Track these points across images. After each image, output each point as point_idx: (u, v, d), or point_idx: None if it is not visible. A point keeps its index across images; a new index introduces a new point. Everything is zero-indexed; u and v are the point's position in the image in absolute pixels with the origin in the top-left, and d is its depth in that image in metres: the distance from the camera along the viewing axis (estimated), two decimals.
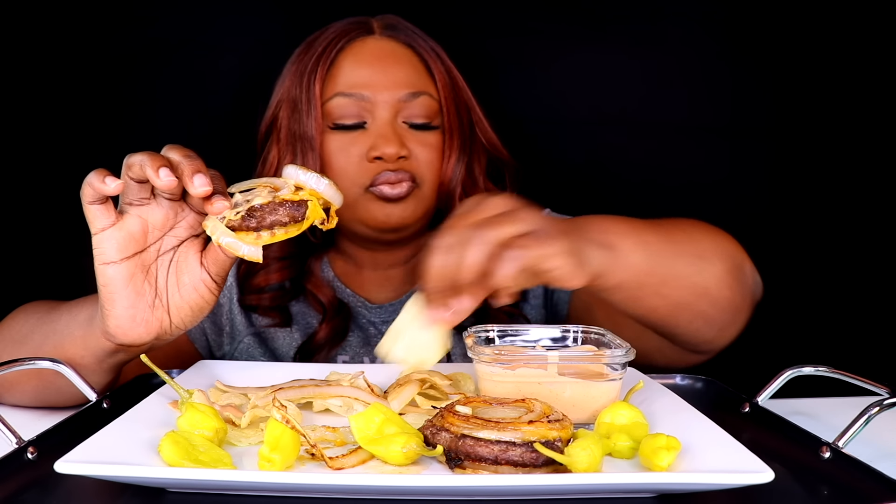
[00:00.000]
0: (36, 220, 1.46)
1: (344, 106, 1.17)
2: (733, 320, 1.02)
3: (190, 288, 0.84)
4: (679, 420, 0.76)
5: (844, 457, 0.71)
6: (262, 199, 0.80)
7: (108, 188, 0.78)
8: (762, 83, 1.52)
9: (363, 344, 1.23)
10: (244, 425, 0.76)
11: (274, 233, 0.80)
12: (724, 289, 0.98)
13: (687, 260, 0.96)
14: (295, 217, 0.80)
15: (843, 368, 0.86)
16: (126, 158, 0.80)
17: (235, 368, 0.96)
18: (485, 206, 0.75)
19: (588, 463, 0.64)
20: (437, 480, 0.65)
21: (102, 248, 0.81)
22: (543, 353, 0.85)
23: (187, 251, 0.85)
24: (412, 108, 1.18)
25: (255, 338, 1.24)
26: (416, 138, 1.18)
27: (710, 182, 1.53)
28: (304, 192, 0.81)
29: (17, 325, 1.01)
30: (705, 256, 0.98)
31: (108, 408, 0.85)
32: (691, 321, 0.98)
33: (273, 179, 0.84)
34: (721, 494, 0.65)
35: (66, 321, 0.92)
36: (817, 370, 0.89)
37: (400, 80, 1.18)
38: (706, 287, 0.96)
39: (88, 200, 0.80)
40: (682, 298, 0.95)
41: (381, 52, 1.20)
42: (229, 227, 0.80)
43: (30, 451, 0.71)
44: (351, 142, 1.17)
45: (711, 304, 0.97)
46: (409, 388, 0.83)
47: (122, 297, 0.82)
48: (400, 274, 1.28)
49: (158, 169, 0.77)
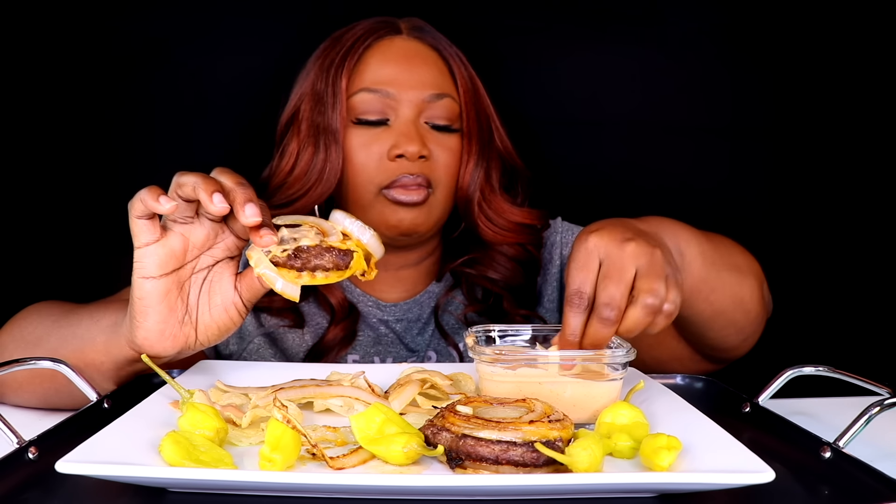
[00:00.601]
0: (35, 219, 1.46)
1: (368, 101, 1.17)
2: (755, 331, 1.09)
3: (221, 309, 0.86)
4: (680, 420, 0.76)
5: (845, 457, 0.71)
6: (309, 241, 0.81)
7: (162, 208, 0.78)
8: (762, 84, 1.52)
9: (374, 343, 1.23)
10: (245, 425, 0.76)
11: (315, 276, 0.81)
12: (755, 301, 1.05)
13: (731, 272, 1.02)
14: (339, 265, 0.82)
15: (843, 368, 0.86)
16: (177, 176, 0.80)
17: (236, 368, 0.96)
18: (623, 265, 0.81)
19: (589, 463, 0.64)
20: (437, 480, 0.64)
21: (144, 262, 0.82)
22: (544, 353, 0.85)
23: (222, 272, 0.87)
24: (435, 110, 1.18)
25: (265, 338, 1.24)
26: (436, 140, 1.18)
27: (709, 183, 1.53)
28: (351, 242, 0.83)
29: (30, 327, 1.00)
30: (742, 270, 1.05)
31: (109, 408, 0.85)
32: (724, 328, 1.05)
33: (319, 220, 0.85)
34: (722, 494, 0.65)
35: (87, 326, 0.93)
36: (817, 370, 0.89)
37: (425, 81, 1.18)
38: (742, 298, 1.04)
39: (136, 215, 0.80)
40: (724, 306, 1.02)
41: (409, 52, 1.21)
42: (272, 262, 0.81)
43: (31, 450, 0.71)
44: (373, 138, 1.16)
45: (745, 314, 1.05)
46: (410, 388, 0.83)
47: (156, 312, 0.83)
48: (412, 275, 1.28)
49: (212, 194, 0.77)
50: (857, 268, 1.55)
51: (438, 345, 1.24)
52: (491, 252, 1.25)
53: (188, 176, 0.79)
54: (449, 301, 1.26)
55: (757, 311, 1.06)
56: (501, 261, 1.25)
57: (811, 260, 1.54)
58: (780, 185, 1.55)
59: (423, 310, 1.27)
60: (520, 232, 1.24)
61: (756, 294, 1.05)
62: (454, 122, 1.20)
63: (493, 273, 1.24)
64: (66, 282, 1.41)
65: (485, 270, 1.24)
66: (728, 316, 1.03)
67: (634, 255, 0.81)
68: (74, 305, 1.02)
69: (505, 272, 1.24)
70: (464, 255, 1.26)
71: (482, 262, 1.25)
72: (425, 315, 1.26)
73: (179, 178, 0.80)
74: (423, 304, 1.27)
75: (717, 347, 1.08)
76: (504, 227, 1.23)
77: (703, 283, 0.96)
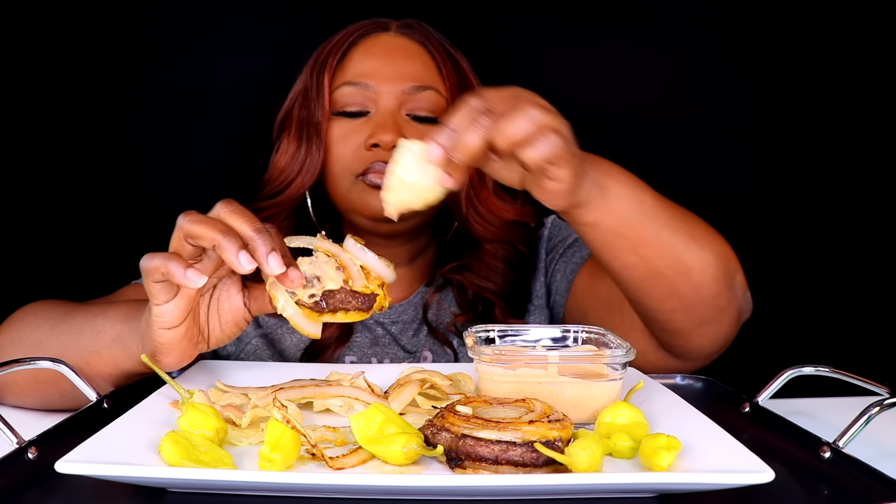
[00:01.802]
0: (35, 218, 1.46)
1: (349, 94, 1.19)
2: (713, 318, 1.00)
3: (231, 324, 0.88)
4: (679, 420, 0.76)
5: (845, 457, 0.71)
6: (333, 284, 0.83)
7: (197, 284, 0.77)
8: (761, 84, 1.52)
9: (371, 344, 1.23)
10: (245, 425, 0.76)
11: (336, 315, 0.83)
12: (707, 278, 0.97)
13: (675, 233, 0.95)
14: (362, 308, 0.84)
15: (843, 368, 0.86)
16: (185, 224, 0.78)
17: (236, 368, 0.96)
18: (537, 100, 0.79)
19: (588, 463, 0.64)
20: (437, 480, 0.64)
21: (165, 317, 0.82)
22: (544, 353, 0.86)
23: (229, 290, 0.87)
24: (417, 102, 1.19)
25: (262, 339, 1.24)
26: (417, 131, 1.18)
27: (708, 182, 1.53)
28: (374, 283, 0.84)
29: (28, 329, 0.99)
30: (696, 239, 0.97)
31: (109, 408, 0.85)
32: (665, 298, 0.98)
33: (334, 247, 0.86)
34: (721, 494, 0.65)
35: (88, 337, 0.92)
36: (817, 370, 0.89)
37: (406, 73, 1.19)
38: (688, 266, 0.96)
39: (154, 280, 0.79)
40: (660, 267, 0.95)
41: (391, 47, 1.22)
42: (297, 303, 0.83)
43: (30, 450, 0.71)
44: (353, 130, 1.18)
45: (692, 288, 0.97)
46: (410, 388, 0.83)
47: (178, 350, 0.84)
48: (406, 274, 1.28)
49: (239, 255, 0.76)
50: (857, 267, 1.55)
51: (434, 344, 1.24)
52: (482, 255, 1.24)
53: (200, 226, 0.77)
54: (440, 299, 1.26)
55: (711, 291, 0.98)
56: (493, 265, 1.24)
57: (811, 259, 1.54)
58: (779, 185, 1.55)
59: (417, 311, 1.27)
60: (511, 230, 1.24)
61: (710, 269, 0.97)
62: (439, 114, 1.20)
63: (483, 281, 1.24)
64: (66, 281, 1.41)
65: (475, 278, 1.24)
66: (670, 283, 0.96)
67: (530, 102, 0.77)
68: (70, 307, 1.01)
69: (496, 279, 1.24)
70: (454, 255, 1.26)
71: (472, 267, 1.24)
72: (419, 316, 1.27)
73: (190, 228, 0.78)
74: (416, 305, 1.27)
75: (668, 329, 1.02)
76: (495, 223, 1.22)
77: (630, 229, 0.92)
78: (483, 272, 1.24)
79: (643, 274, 0.96)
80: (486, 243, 1.24)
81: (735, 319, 1.02)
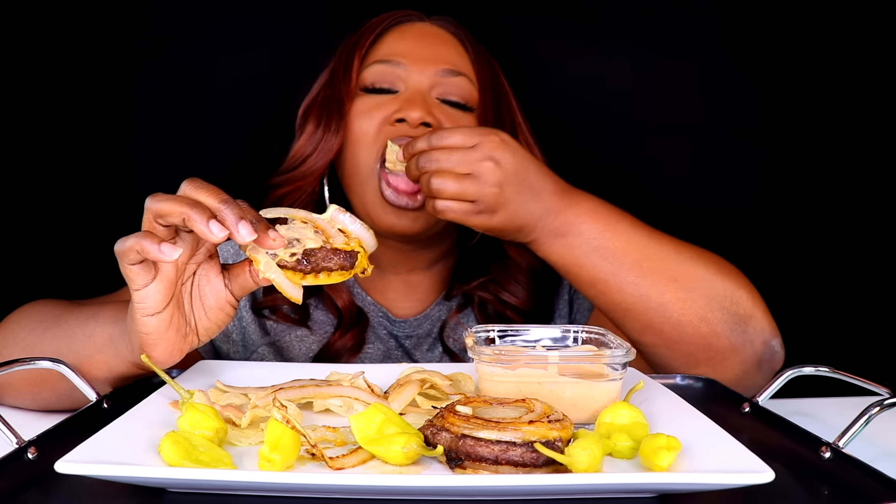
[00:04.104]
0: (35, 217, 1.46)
1: (379, 72, 1.15)
2: (709, 359, 0.99)
3: (216, 310, 0.85)
4: (679, 420, 0.76)
5: (845, 457, 0.71)
6: (313, 243, 0.81)
7: (171, 257, 0.76)
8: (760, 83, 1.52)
9: (384, 357, 1.20)
10: (244, 425, 0.76)
11: (318, 276, 0.82)
12: (692, 317, 0.98)
13: (645, 274, 0.98)
14: (344, 266, 0.82)
15: (844, 368, 0.86)
16: (153, 203, 0.77)
17: (236, 368, 0.96)
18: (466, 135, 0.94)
19: (588, 463, 0.64)
20: (437, 480, 0.64)
21: (147, 302, 0.80)
22: (544, 354, 0.85)
23: (208, 274, 0.85)
24: (448, 86, 1.15)
25: (270, 347, 1.21)
26: (446, 113, 1.14)
27: (708, 182, 1.53)
28: (354, 243, 0.83)
29: (23, 333, 0.99)
30: (677, 279, 0.99)
31: (109, 408, 0.85)
32: (642, 332, 1.00)
33: (309, 214, 0.85)
34: (721, 494, 0.65)
35: (80, 342, 0.90)
36: (818, 370, 0.89)
37: (440, 57, 1.16)
38: (662, 304, 0.98)
39: (130, 262, 0.78)
40: (624, 303, 0.99)
41: (426, 33, 1.20)
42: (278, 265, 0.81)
43: (30, 451, 0.71)
44: (377, 105, 1.14)
45: (671, 325, 0.98)
46: (410, 389, 0.83)
47: (164, 340, 0.82)
48: (424, 280, 1.24)
49: (209, 223, 0.74)
50: (857, 268, 1.55)
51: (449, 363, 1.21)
52: (508, 265, 1.19)
53: (167, 203, 0.76)
54: (458, 320, 1.22)
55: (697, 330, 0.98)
56: (517, 277, 1.20)
57: (810, 259, 1.54)
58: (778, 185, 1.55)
59: (434, 325, 1.23)
60: None
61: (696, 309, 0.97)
62: (469, 102, 1.16)
63: (508, 296, 1.19)
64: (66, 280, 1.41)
65: (500, 292, 1.19)
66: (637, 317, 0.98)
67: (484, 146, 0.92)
68: (64, 309, 0.99)
69: (520, 293, 1.19)
70: (477, 265, 1.21)
71: (499, 280, 1.20)
72: (435, 331, 1.23)
73: (157, 206, 0.76)
74: (433, 318, 1.23)
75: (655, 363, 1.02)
76: None
77: (581, 269, 0.98)
78: (507, 284, 1.20)
79: (607, 307, 1.00)
80: (512, 252, 1.19)
81: (749, 365, 0.99)
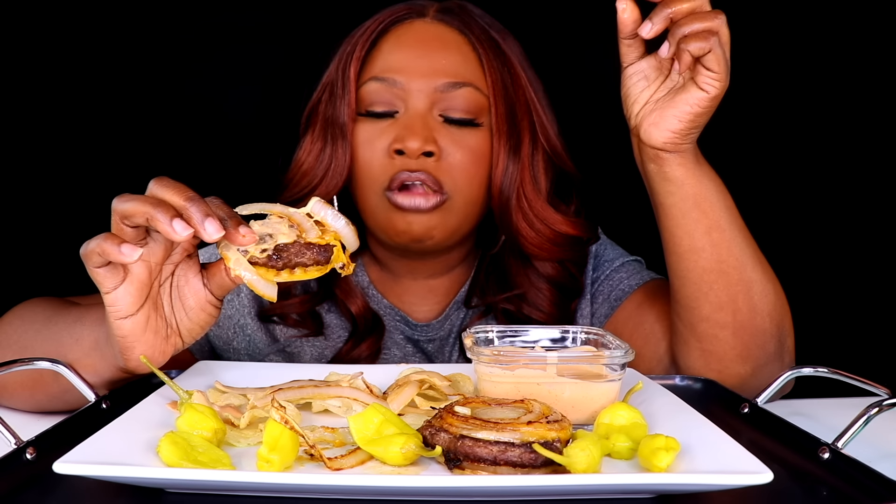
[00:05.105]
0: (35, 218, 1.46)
1: (376, 92, 1.08)
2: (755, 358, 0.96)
3: (197, 310, 0.83)
4: (678, 421, 0.76)
5: (844, 458, 0.71)
6: (286, 238, 0.79)
7: (131, 258, 0.74)
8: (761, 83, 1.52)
9: (401, 362, 1.14)
10: (243, 426, 0.76)
11: (294, 272, 0.80)
12: (766, 304, 0.95)
13: (747, 242, 0.95)
14: (319, 261, 0.80)
15: (843, 369, 0.86)
16: (118, 204, 0.75)
17: (234, 369, 0.96)
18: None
19: (587, 464, 0.64)
20: (436, 481, 0.64)
21: (118, 305, 0.78)
22: (542, 354, 0.85)
23: (186, 274, 0.83)
24: (451, 101, 1.07)
25: (280, 355, 1.16)
26: (450, 135, 1.07)
27: None
28: (329, 236, 0.81)
29: (16, 334, 0.98)
30: (762, 263, 0.97)
31: (107, 408, 0.85)
32: (720, 306, 0.94)
33: (286, 209, 0.83)
34: (720, 495, 0.65)
35: (69, 346, 0.89)
36: (817, 371, 0.89)
37: (440, 68, 1.07)
38: (751, 280, 0.94)
39: (95, 265, 0.76)
40: (726, 263, 0.94)
41: (425, 36, 1.10)
42: (250, 262, 0.79)
43: (29, 451, 0.70)
44: (378, 133, 1.07)
45: (749, 306, 0.94)
46: (409, 389, 0.83)
47: (142, 343, 0.80)
48: (443, 284, 1.19)
49: (172, 222, 0.72)
50: (857, 268, 1.55)
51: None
52: (530, 274, 1.13)
53: (131, 203, 0.74)
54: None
55: (764, 322, 0.94)
56: (540, 286, 1.13)
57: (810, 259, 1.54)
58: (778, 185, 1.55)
59: (453, 326, 1.18)
60: (564, 246, 1.12)
61: (769, 299, 0.94)
62: (478, 115, 1.08)
63: (532, 309, 1.13)
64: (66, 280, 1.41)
65: (524, 306, 1.13)
66: (727, 286, 0.92)
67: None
68: (55, 310, 0.97)
69: (543, 304, 1.13)
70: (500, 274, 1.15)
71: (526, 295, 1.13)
72: (455, 333, 1.18)
73: (122, 207, 0.74)
74: (453, 321, 1.18)
75: (709, 349, 0.97)
76: (548, 237, 1.11)
77: (709, 205, 0.92)
78: (531, 295, 1.14)
79: (708, 264, 0.93)
80: (536, 261, 1.13)
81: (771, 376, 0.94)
